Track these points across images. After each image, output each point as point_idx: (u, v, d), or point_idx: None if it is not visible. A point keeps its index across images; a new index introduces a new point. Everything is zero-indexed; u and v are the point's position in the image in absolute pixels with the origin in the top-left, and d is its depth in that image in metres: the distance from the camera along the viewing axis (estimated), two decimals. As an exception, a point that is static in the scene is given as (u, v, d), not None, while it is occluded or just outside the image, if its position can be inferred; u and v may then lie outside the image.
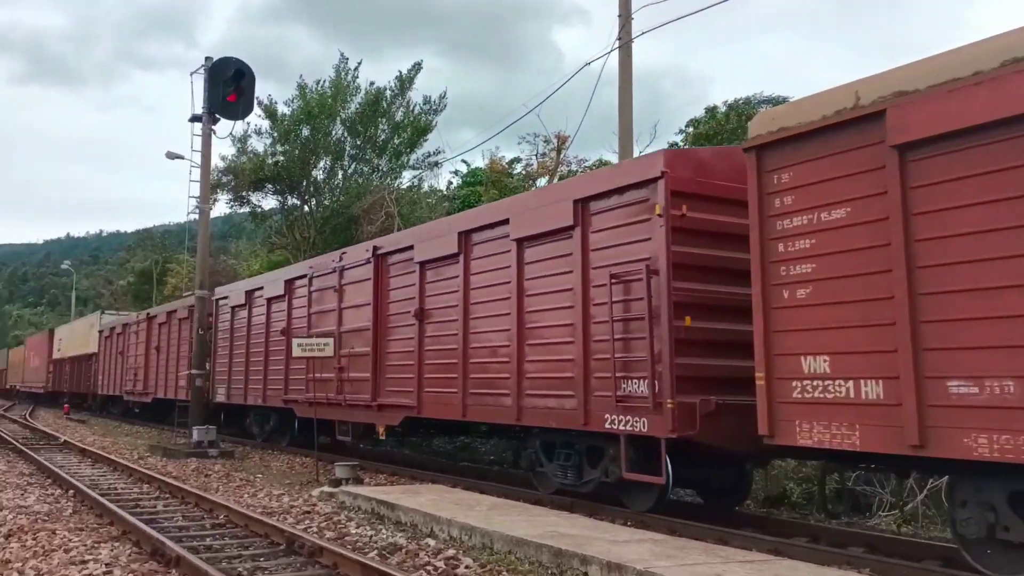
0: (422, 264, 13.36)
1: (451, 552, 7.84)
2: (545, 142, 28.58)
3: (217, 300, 22.15)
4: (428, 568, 7.38)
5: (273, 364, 18.43)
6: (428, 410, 12.89)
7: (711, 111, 26.47)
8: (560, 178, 25.84)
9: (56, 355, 44.87)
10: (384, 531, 9.09)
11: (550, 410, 10.35)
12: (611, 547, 7.25)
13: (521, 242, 11.10)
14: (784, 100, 24.64)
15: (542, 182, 27.55)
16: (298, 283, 17.80)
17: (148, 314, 29.44)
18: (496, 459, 15.57)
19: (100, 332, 35.87)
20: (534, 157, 29.82)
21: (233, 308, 21.28)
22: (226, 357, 21.30)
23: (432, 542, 8.37)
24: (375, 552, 8.02)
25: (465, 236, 12.36)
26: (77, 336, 41.53)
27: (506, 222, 11.45)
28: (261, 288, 19.76)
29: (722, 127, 23.56)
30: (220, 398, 21.33)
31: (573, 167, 27.94)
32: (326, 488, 11.93)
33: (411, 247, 13.78)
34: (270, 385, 18.45)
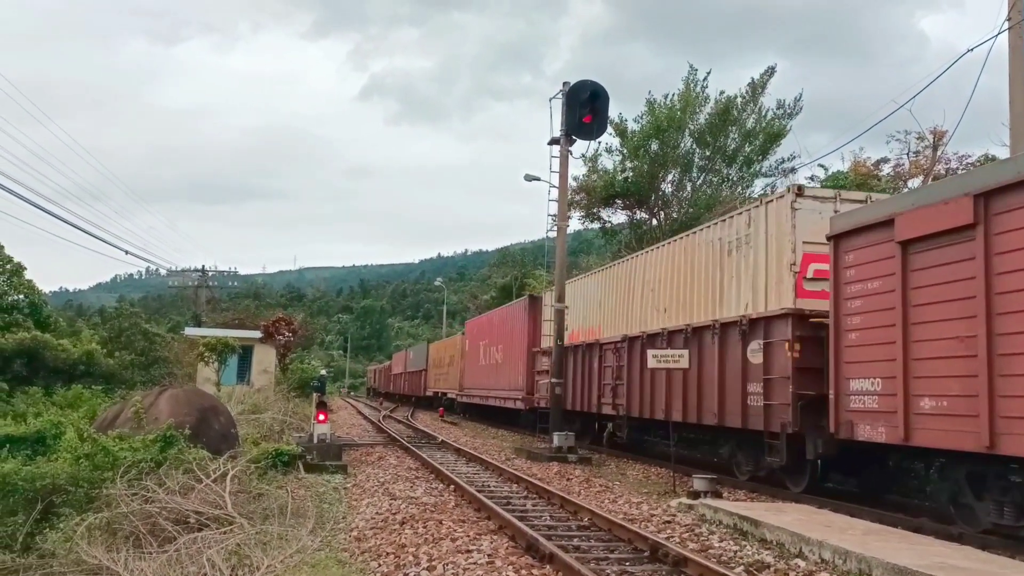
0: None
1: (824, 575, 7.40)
2: (918, 139, 26.26)
3: None
4: (800, 590, 7.02)
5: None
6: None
7: None
8: (935, 178, 23.53)
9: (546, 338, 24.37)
10: (748, 547, 8.83)
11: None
12: (1017, 589, 6.37)
13: None
14: None
15: (914, 183, 25.31)
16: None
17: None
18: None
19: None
20: (905, 156, 27.48)
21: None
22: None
23: (802, 563, 7.96)
24: (741, 568, 7.81)
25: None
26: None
27: None
28: None
29: None
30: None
31: (953, 164, 25.33)
32: (684, 500, 11.88)
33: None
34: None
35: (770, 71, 32.86)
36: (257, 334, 39.74)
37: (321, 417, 16.46)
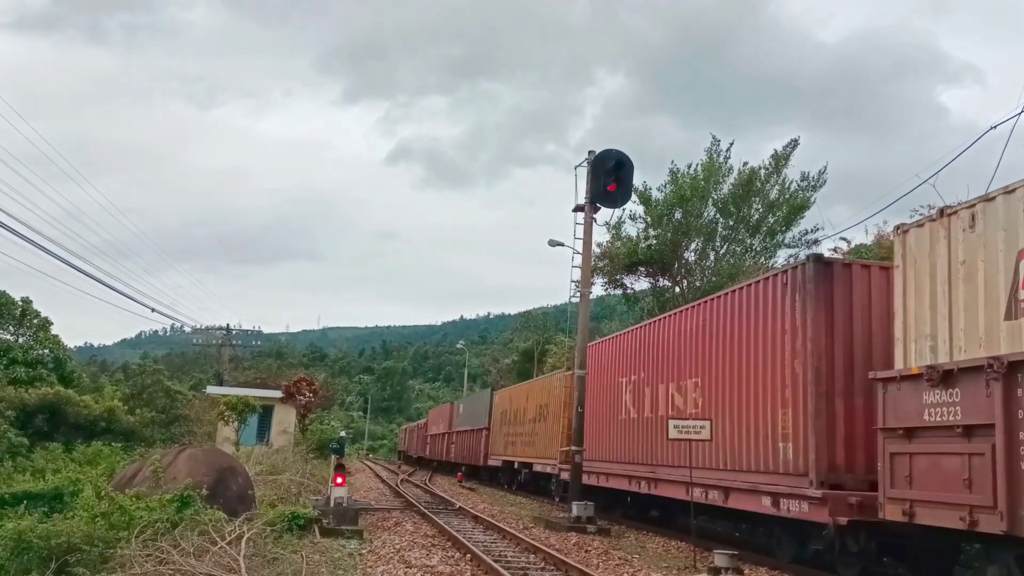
0: None
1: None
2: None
3: None
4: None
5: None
6: None
7: None
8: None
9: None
10: (771, 629, 8.57)
11: None
12: None
13: None
14: None
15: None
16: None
17: None
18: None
19: None
20: (928, 231, 27.35)
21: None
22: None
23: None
24: (763, 651, 7.56)
25: None
26: None
27: None
28: None
29: None
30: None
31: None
32: (705, 576, 11.62)
33: None
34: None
35: (793, 143, 33.19)
36: (278, 394, 39.77)
37: (339, 480, 16.34)
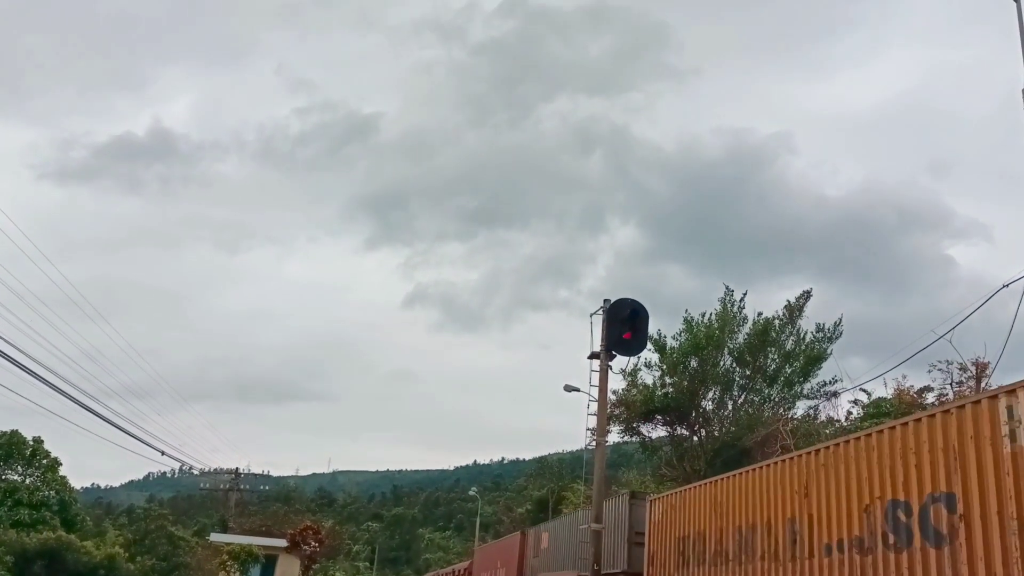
0: None
1: None
2: (961, 369, 25.94)
3: None
4: None
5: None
6: None
7: None
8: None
9: None
10: None
11: None
12: None
13: None
14: None
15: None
16: None
17: None
18: None
19: None
20: (948, 386, 27.05)
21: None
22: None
23: None
24: None
25: None
26: None
27: None
28: None
29: None
30: None
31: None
32: None
33: None
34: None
35: (806, 295, 33.20)
36: (282, 543, 38.63)
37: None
